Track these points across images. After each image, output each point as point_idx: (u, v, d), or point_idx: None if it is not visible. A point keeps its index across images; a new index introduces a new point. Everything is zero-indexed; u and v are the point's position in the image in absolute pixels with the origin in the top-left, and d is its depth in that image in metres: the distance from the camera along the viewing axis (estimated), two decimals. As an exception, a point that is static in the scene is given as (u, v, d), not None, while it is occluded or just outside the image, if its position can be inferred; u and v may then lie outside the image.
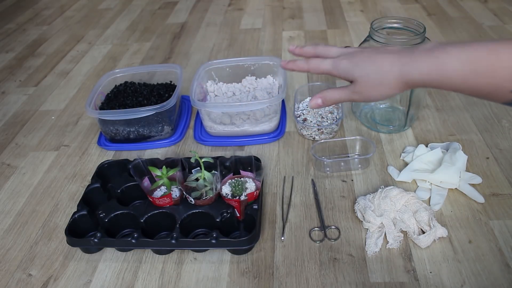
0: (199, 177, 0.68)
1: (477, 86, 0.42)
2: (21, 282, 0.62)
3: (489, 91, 0.42)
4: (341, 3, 1.45)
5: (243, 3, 1.53)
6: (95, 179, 0.73)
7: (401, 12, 1.36)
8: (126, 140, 0.86)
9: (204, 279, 0.60)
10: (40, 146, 0.89)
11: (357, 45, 0.92)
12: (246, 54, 1.18)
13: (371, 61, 0.49)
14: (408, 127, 0.84)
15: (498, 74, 0.40)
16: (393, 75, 0.47)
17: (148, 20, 1.45)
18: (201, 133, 0.87)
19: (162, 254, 0.64)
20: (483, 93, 0.43)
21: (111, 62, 1.20)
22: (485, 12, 1.31)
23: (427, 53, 0.45)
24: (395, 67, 0.47)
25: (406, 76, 0.46)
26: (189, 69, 1.12)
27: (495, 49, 0.40)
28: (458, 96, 0.93)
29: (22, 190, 0.78)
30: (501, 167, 0.73)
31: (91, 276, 0.62)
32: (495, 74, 0.40)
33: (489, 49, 0.41)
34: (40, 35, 1.41)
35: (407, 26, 0.77)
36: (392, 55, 0.48)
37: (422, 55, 0.45)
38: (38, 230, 0.70)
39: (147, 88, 0.92)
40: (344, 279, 0.58)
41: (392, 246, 0.61)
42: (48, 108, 1.02)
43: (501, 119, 0.85)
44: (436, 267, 0.58)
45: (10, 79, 1.16)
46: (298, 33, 1.27)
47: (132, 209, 0.67)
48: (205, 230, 0.67)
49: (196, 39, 1.29)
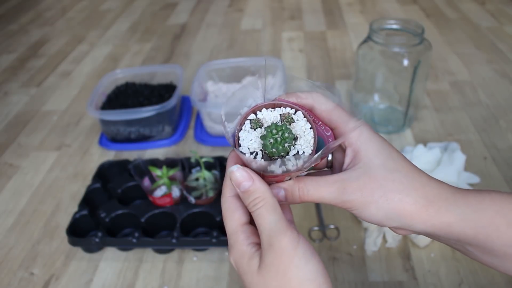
0: (199, 177, 0.69)
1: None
2: (23, 280, 0.63)
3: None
4: (340, 4, 1.46)
5: (243, 4, 1.53)
6: (95, 179, 0.73)
7: (400, 13, 1.36)
8: (127, 140, 0.86)
9: (205, 278, 0.61)
10: (42, 146, 0.90)
11: (356, 45, 0.92)
12: (246, 54, 1.18)
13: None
14: (407, 127, 0.84)
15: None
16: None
17: (149, 21, 1.46)
18: (201, 133, 0.88)
19: (162, 253, 0.64)
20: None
21: (112, 63, 1.21)
22: (482, 13, 1.31)
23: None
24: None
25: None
26: (189, 70, 1.13)
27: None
28: (457, 96, 0.94)
29: (24, 189, 0.79)
30: (498, 167, 0.74)
31: (92, 275, 0.62)
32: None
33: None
34: (42, 36, 1.41)
35: (406, 27, 0.78)
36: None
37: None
38: (40, 230, 0.70)
39: (148, 88, 0.93)
40: (343, 278, 0.58)
41: (391, 245, 0.62)
42: (50, 108, 1.03)
43: (499, 119, 0.85)
44: (435, 266, 0.59)
45: (12, 80, 1.17)
46: (298, 34, 1.28)
47: (133, 208, 0.68)
48: (206, 229, 0.67)
49: (197, 40, 1.30)
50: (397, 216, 0.32)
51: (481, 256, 0.33)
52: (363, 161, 0.32)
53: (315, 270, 0.30)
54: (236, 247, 0.32)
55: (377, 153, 0.32)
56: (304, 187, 0.32)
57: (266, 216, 0.30)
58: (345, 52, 1.15)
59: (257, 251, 0.32)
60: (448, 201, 0.32)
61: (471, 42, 1.15)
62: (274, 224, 0.30)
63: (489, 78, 0.99)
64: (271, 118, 0.32)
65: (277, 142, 0.29)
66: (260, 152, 0.31)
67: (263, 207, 0.31)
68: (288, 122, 0.31)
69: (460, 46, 1.14)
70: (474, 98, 0.93)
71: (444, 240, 0.34)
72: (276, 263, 0.30)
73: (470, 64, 1.05)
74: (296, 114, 0.32)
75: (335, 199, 0.32)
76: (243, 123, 0.32)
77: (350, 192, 0.32)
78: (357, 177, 0.32)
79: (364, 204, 0.32)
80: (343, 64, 1.09)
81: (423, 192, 0.32)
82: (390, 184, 0.31)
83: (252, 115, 0.32)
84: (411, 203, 0.31)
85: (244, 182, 0.31)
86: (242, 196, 0.32)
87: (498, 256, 0.32)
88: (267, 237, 0.30)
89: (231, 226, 0.33)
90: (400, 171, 0.32)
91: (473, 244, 0.32)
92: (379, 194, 0.31)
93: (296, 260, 0.30)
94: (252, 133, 0.31)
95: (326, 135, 0.32)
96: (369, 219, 0.32)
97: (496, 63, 1.05)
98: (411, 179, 0.32)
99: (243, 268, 0.32)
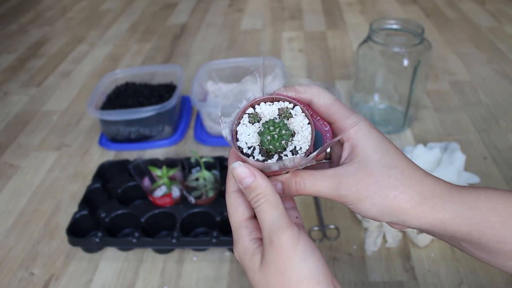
0: (199, 177, 0.69)
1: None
2: (23, 280, 0.63)
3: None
4: (340, 4, 1.46)
5: (243, 4, 1.53)
6: (95, 179, 0.73)
7: (400, 13, 1.36)
8: (127, 140, 0.86)
9: (205, 278, 0.61)
10: (42, 146, 0.90)
11: (356, 45, 0.92)
12: (246, 54, 1.18)
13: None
14: (407, 127, 0.84)
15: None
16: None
17: (148, 21, 1.46)
18: (201, 133, 0.88)
19: (162, 253, 0.64)
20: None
21: (112, 63, 1.21)
22: (482, 13, 1.31)
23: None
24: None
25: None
26: (189, 70, 1.13)
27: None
28: (457, 96, 0.94)
29: (24, 189, 0.79)
30: (498, 167, 0.74)
31: (92, 275, 0.62)
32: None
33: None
34: (42, 36, 1.41)
35: (406, 27, 0.78)
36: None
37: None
38: (40, 230, 0.70)
39: (148, 88, 0.93)
40: (343, 278, 0.58)
41: (391, 245, 0.62)
42: (50, 108, 1.03)
43: (499, 119, 0.85)
44: (435, 266, 0.59)
45: (12, 80, 1.17)
46: (298, 34, 1.28)
47: (133, 208, 0.68)
48: (206, 229, 0.67)
49: (197, 40, 1.30)
50: (392, 212, 0.32)
51: (475, 252, 0.33)
52: (360, 156, 0.32)
53: (314, 268, 0.30)
54: (240, 242, 0.33)
55: (374, 149, 0.32)
56: (301, 180, 0.33)
57: (267, 212, 0.31)
58: (345, 52, 1.15)
59: (259, 247, 0.32)
60: (444, 198, 0.32)
61: (471, 42, 1.15)
62: (275, 220, 0.30)
63: (489, 78, 0.99)
64: (270, 112, 0.32)
65: (274, 139, 0.30)
66: (257, 147, 0.31)
67: (265, 203, 0.31)
68: (286, 117, 0.31)
69: (460, 46, 1.14)
70: (474, 98, 0.93)
71: (439, 236, 0.34)
72: (276, 260, 0.30)
73: (470, 64, 1.05)
74: (294, 109, 0.32)
75: (331, 194, 0.32)
76: (241, 117, 0.32)
77: (345, 187, 0.32)
78: (353, 172, 0.32)
79: (359, 199, 0.32)
80: (343, 64, 1.09)
81: (418, 189, 0.31)
82: (385, 180, 0.31)
83: (250, 109, 0.32)
84: (406, 199, 0.31)
85: (246, 178, 0.31)
86: (244, 192, 0.32)
87: (492, 253, 0.32)
88: (268, 234, 0.30)
89: (235, 221, 0.33)
90: (396, 168, 0.32)
91: (467, 241, 0.32)
92: (374, 190, 0.31)
93: (295, 257, 0.30)
94: (250, 127, 0.32)
95: (324, 129, 0.32)
96: (364, 213, 0.33)
97: (496, 63, 1.05)
98: (407, 175, 0.32)
99: (246, 263, 0.32)
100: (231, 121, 0.32)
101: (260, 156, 0.31)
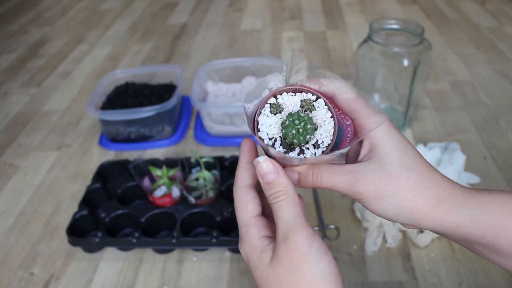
0: (199, 177, 0.69)
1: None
2: (23, 280, 0.63)
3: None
4: (340, 4, 1.46)
5: (243, 4, 1.53)
6: (95, 179, 0.73)
7: (400, 13, 1.36)
8: (127, 140, 0.86)
9: (205, 278, 0.61)
10: (42, 146, 0.90)
11: (356, 45, 0.92)
12: (246, 55, 1.18)
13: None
14: (407, 127, 0.84)
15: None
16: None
17: (148, 21, 1.46)
18: (201, 133, 0.88)
19: (162, 253, 0.64)
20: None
21: (112, 63, 1.21)
22: (482, 13, 1.31)
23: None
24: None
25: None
26: (189, 70, 1.13)
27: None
28: (457, 96, 0.94)
29: (24, 189, 0.79)
30: (498, 167, 0.74)
31: (92, 275, 0.62)
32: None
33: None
34: (42, 36, 1.41)
35: (406, 27, 0.78)
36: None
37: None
38: (40, 230, 0.70)
39: (148, 88, 0.93)
40: (343, 278, 0.58)
41: (391, 245, 0.62)
42: (50, 108, 1.03)
43: (499, 119, 0.85)
44: (435, 266, 0.59)
45: (12, 80, 1.17)
46: (298, 34, 1.28)
47: (133, 208, 0.68)
48: (206, 229, 0.67)
49: (197, 40, 1.30)
50: (408, 213, 0.32)
51: (488, 255, 0.33)
52: (379, 155, 0.32)
53: (327, 269, 0.30)
54: (247, 240, 0.32)
55: (394, 149, 0.32)
56: (318, 173, 0.32)
57: (285, 209, 0.31)
58: (345, 52, 1.15)
59: (269, 244, 0.32)
60: (459, 202, 0.32)
61: (471, 42, 1.15)
62: (292, 218, 0.30)
63: (489, 78, 0.99)
64: (292, 103, 0.31)
65: (299, 133, 0.29)
66: (279, 139, 0.31)
67: (284, 201, 0.31)
68: (309, 110, 0.31)
69: (460, 46, 1.14)
70: (474, 98, 0.93)
71: (452, 238, 0.34)
72: (289, 257, 0.30)
73: (470, 64, 1.05)
74: (317, 101, 0.32)
75: (347, 189, 0.32)
76: (263, 106, 0.31)
77: (362, 184, 0.32)
78: (371, 170, 0.32)
79: (376, 198, 0.32)
80: (343, 64, 1.09)
81: (435, 192, 0.32)
82: (404, 181, 0.31)
83: (272, 99, 0.32)
84: (423, 202, 0.31)
85: (270, 174, 0.31)
86: (264, 188, 0.32)
87: (506, 256, 0.32)
88: (283, 231, 0.30)
89: (243, 218, 0.33)
90: (415, 169, 0.32)
91: (481, 244, 0.32)
92: (392, 190, 0.31)
93: (310, 257, 0.30)
94: (272, 118, 0.31)
95: (345, 124, 0.32)
96: (378, 212, 0.33)
97: (496, 63, 1.05)
98: (425, 178, 0.32)
99: (254, 261, 0.32)
100: (252, 109, 0.31)
101: (281, 148, 0.30)
